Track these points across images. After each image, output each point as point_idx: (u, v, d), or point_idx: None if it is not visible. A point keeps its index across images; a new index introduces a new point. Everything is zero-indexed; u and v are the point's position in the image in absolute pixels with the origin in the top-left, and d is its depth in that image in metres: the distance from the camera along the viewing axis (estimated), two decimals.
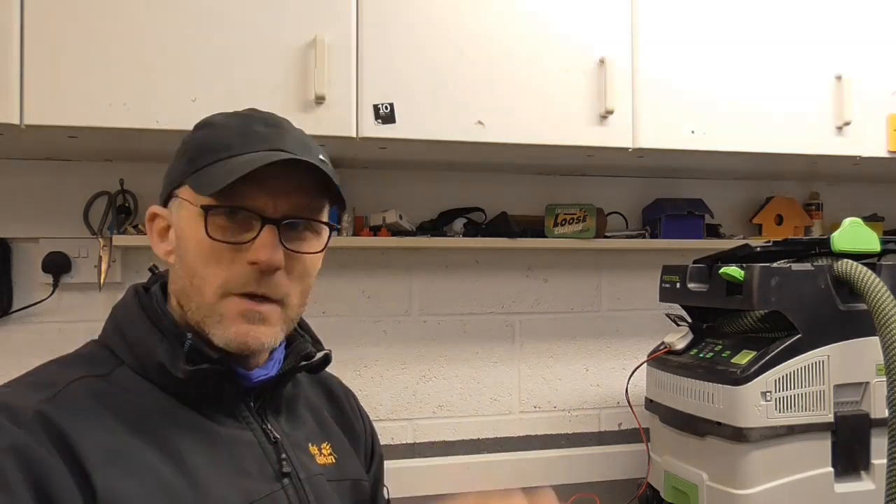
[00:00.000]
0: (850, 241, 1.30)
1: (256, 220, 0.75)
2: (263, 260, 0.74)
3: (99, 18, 1.25)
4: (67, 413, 0.68)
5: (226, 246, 0.75)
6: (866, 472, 1.23)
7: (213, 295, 0.75)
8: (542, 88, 1.44)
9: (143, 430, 0.71)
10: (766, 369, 1.19)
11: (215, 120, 0.81)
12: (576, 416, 1.85)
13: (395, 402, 1.74)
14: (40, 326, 1.55)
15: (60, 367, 0.76)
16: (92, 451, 0.67)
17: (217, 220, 0.75)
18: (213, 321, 0.75)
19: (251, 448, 0.78)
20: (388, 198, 1.70)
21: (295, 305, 0.80)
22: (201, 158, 0.77)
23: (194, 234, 0.76)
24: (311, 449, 0.85)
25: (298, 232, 0.79)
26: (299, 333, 0.90)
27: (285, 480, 0.78)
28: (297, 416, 0.88)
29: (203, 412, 0.76)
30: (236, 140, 0.77)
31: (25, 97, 1.22)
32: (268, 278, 0.76)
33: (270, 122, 0.81)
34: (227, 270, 0.75)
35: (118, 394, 0.73)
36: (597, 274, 1.87)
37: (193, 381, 0.74)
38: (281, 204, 0.76)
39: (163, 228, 0.82)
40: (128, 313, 0.80)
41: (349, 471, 0.89)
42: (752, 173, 1.91)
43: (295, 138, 0.80)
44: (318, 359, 0.88)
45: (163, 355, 0.74)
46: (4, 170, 1.53)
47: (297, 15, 1.33)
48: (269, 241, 0.75)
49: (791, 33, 1.58)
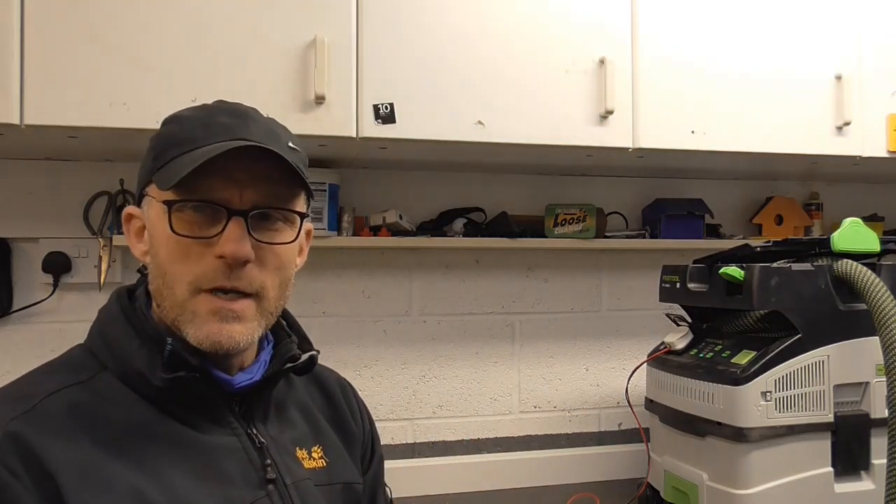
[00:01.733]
0: (850, 241, 1.30)
1: (223, 213, 0.73)
2: (229, 253, 0.72)
3: (99, 18, 1.25)
4: (41, 431, 0.67)
5: (193, 241, 0.73)
6: (866, 472, 1.23)
7: (185, 292, 0.73)
8: (542, 88, 1.44)
9: (121, 446, 0.70)
10: (766, 369, 1.19)
11: (181, 114, 0.80)
12: (576, 416, 1.85)
13: (395, 402, 1.74)
14: (40, 326, 1.55)
15: (40, 376, 0.75)
16: (66, 471, 0.65)
17: (182, 216, 0.73)
18: (186, 319, 0.74)
19: (235, 454, 0.77)
20: (388, 198, 1.70)
21: (272, 298, 0.78)
22: (166, 153, 0.76)
23: (162, 232, 0.74)
24: (299, 453, 0.84)
25: (270, 222, 0.77)
26: (286, 333, 0.88)
27: (270, 487, 0.77)
28: (287, 418, 0.86)
29: (185, 420, 0.75)
30: (198, 132, 0.76)
31: (25, 97, 1.22)
32: (238, 271, 0.74)
33: (235, 112, 0.79)
34: (196, 266, 0.73)
35: (97, 405, 0.72)
36: (597, 274, 1.87)
37: (173, 388, 0.72)
38: (248, 195, 0.75)
39: (139, 229, 0.80)
40: (110, 318, 0.78)
41: (341, 474, 0.87)
42: (752, 173, 1.91)
43: (260, 127, 0.78)
44: (304, 361, 0.85)
45: (141, 362, 0.73)
46: (4, 170, 1.53)
47: (297, 15, 1.33)
48: (235, 233, 0.73)
49: (791, 33, 1.58)
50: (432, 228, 1.71)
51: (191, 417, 0.75)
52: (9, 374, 0.75)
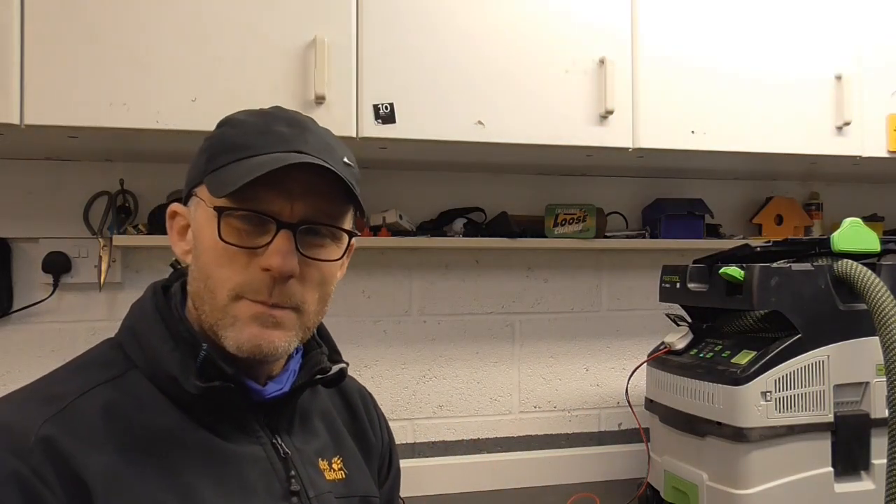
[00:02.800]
0: (850, 241, 1.30)
1: (272, 225, 0.73)
2: (276, 266, 0.71)
3: (99, 18, 1.25)
4: (74, 435, 0.67)
5: (239, 250, 0.73)
6: (866, 472, 1.23)
7: (226, 297, 0.73)
8: (542, 88, 1.44)
9: (149, 452, 0.70)
10: (766, 369, 1.19)
11: (237, 118, 0.79)
12: (576, 416, 1.85)
13: (395, 402, 1.74)
14: (40, 326, 1.54)
15: (70, 373, 0.74)
16: (97, 479, 0.65)
17: (231, 223, 0.73)
18: (227, 324, 0.73)
19: (260, 464, 0.76)
20: (388, 198, 1.70)
21: (312, 312, 0.77)
22: (219, 158, 0.75)
23: (209, 236, 0.74)
24: (321, 464, 0.83)
25: (317, 238, 0.76)
26: (317, 343, 0.87)
27: (294, 499, 0.76)
28: (310, 428, 0.85)
29: (211, 427, 0.74)
30: (255, 139, 0.75)
31: (25, 97, 1.22)
32: (281, 286, 0.73)
33: (293, 121, 0.78)
34: (240, 275, 0.73)
35: (125, 407, 0.71)
36: (597, 274, 1.87)
37: (205, 397, 0.72)
38: (298, 208, 0.74)
39: (182, 227, 0.80)
40: (144, 315, 0.77)
41: (359, 486, 0.87)
42: (752, 173, 1.91)
43: (318, 139, 0.77)
44: (334, 373, 0.84)
45: (175, 367, 0.72)
46: (4, 170, 1.53)
47: (297, 15, 1.33)
48: (283, 246, 0.72)
49: (791, 33, 1.58)
50: (432, 228, 1.71)
51: (217, 425, 0.75)
52: (9, 374, 0.75)
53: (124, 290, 1.56)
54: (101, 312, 1.56)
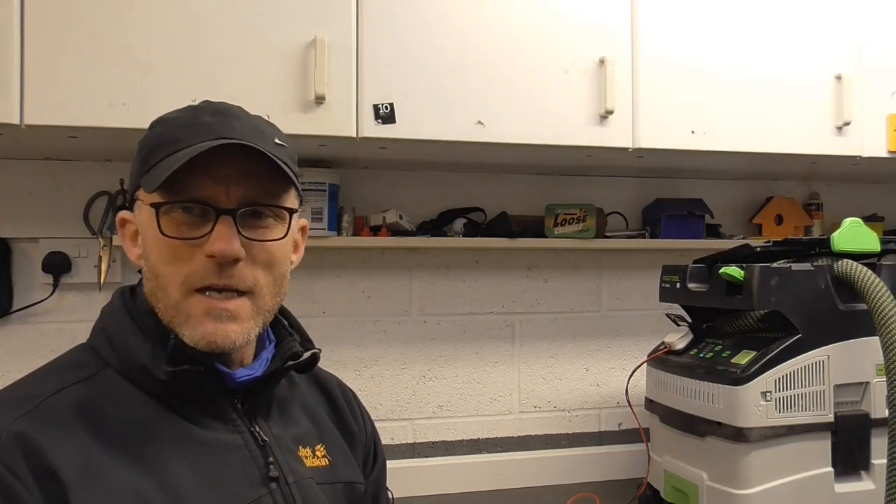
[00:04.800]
0: (850, 241, 1.30)
1: (211, 213, 0.73)
2: (218, 251, 0.72)
3: (99, 18, 1.25)
4: (45, 430, 0.67)
5: (182, 242, 0.73)
6: (866, 472, 1.23)
7: (177, 293, 0.74)
8: (542, 88, 1.44)
9: (124, 445, 0.70)
10: (766, 369, 1.19)
11: (166, 117, 0.80)
12: (576, 416, 1.85)
13: (395, 402, 1.74)
14: (40, 326, 1.55)
15: (42, 377, 0.75)
16: (70, 471, 0.66)
17: (171, 217, 0.74)
18: (181, 321, 0.74)
19: (238, 451, 0.77)
20: (388, 198, 1.70)
21: (267, 295, 0.78)
22: (152, 157, 0.76)
23: (151, 235, 0.75)
24: (302, 451, 0.84)
25: (260, 219, 0.77)
26: (288, 332, 0.88)
27: (272, 485, 0.77)
28: (290, 416, 0.86)
29: (188, 416, 0.75)
30: (182, 133, 0.75)
31: (25, 97, 1.22)
32: (229, 270, 0.74)
33: (218, 110, 0.78)
34: (186, 266, 0.73)
35: (99, 403, 0.72)
36: (597, 274, 1.87)
37: (176, 382, 0.73)
38: (234, 192, 0.74)
39: (133, 233, 0.81)
40: (113, 314, 0.79)
41: (343, 473, 0.88)
42: (752, 173, 1.91)
43: (245, 124, 0.78)
44: (306, 358, 0.85)
45: (145, 356, 0.73)
46: (4, 170, 1.53)
47: (297, 15, 1.33)
48: (224, 232, 0.73)
49: (791, 33, 1.58)
50: (432, 228, 1.71)
51: (193, 413, 0.76)
52: (9, 374, 0.75)
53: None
54: None
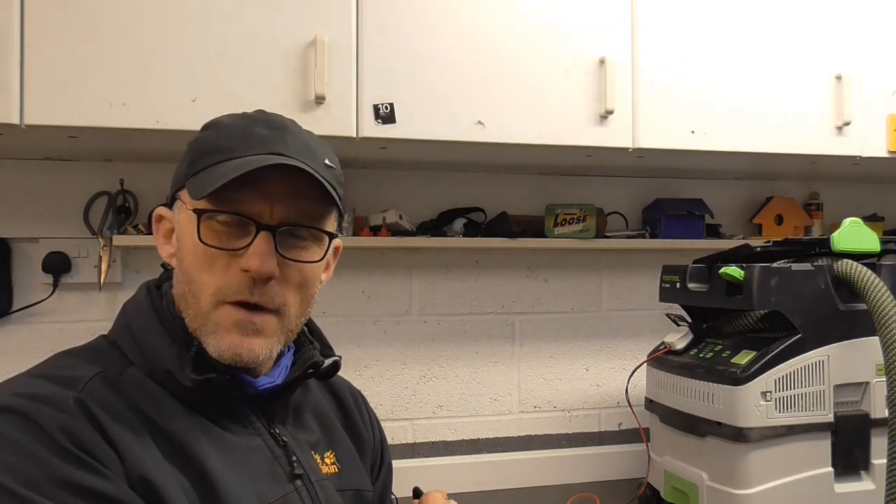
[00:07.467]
0: (850, 241, 1.30)
1: (252, 226, 0.73)
2: (255, 268, 0.72)
3: (99, 18, 1.25)
4: (99, 406, 0.68)
5: (219, 252, 0.73)
6: (866, 472, 1.23)
7: (208, 303, 0.74)
8: (542, 88, 1.44)
9: (162, 432, 0.71)
10: (766, 369, 1.19)
11: (220, 121, 0.80)
12: (576, 416, 1.85)
13: (395, 402, 1.74)
14: (40, 326, 1.55)
15: (76, 361, 0.75)
16: (121, 444, 0.67)
17: (211, 225, 0.73)
18: (208, 331, 0.74)
19: (261, 452, 0.77)
20: (388, 198, 1.70)
21: (293, 315, 0.78)
22: (201, 160, 0.75)
23: (190, 239, 0.74)
24: (315, 457, 0.84)
25: (298, 239, 0.77)
26: (308, 339, 0.88)
27: (298, 482, 0.78)
28: (303, 423, 0.87)
29: (211, 418, 0.76)
30: (235, 142, 0.75)
31: (25, 97, 1.22)
32: (262, 287, 0.74)
33: (273, 123, 0.78)
34: (220, 278, 0.73)
35: (132, 395, 0.72)
36: (597, 274, 1.87)
37: (201, 389, 0.73)
38: (278, 210, 0.74)
39: (168, 230, 0.81)
40: (138, 313, 0.78)
41: (352, 481, 0.88)
42: (752, 173, 1.91)
43: (298, 141, 0.78)
44: (327, 366, 0.86)
45: (170, 362, 0.73)
46: (4, 170, 1.53)
47: (297, 15, 1.33)
48: (262, 248, 0.73)
49: (791, 33, 1.58)
50: (432, 228, 1.71)
51: (214, 416, 0.76)
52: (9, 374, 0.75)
53: (124, 290, 1.56)
54: (101, 312, 1.56)
